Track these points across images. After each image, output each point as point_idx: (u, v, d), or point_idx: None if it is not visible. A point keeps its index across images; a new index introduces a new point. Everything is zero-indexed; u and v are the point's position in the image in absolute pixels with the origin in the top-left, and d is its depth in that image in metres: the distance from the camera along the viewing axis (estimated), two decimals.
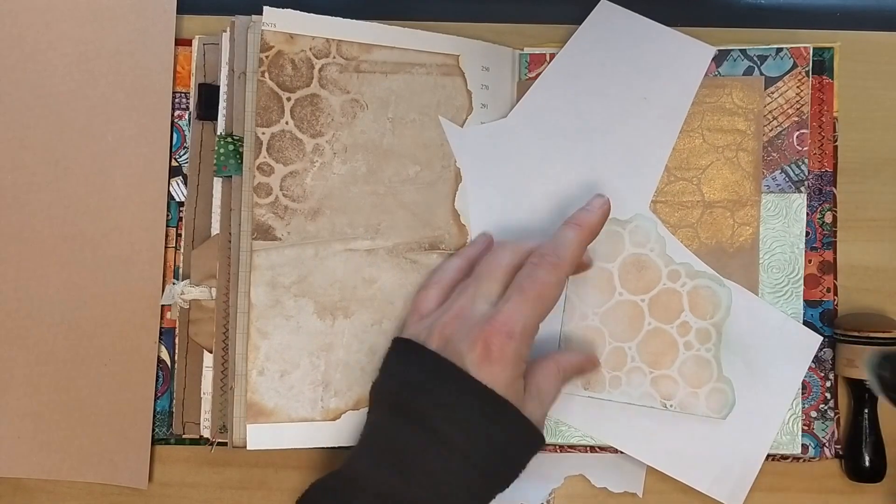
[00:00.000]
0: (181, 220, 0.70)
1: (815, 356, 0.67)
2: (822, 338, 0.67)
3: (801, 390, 0.67)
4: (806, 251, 0.68)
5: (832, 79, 0.69)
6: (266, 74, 0.66)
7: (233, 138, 0.67)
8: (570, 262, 0.62)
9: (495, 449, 0.58)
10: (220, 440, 0.67)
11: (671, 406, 0.66)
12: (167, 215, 0.70)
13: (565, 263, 0.61)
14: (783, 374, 0.67)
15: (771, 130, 0.69)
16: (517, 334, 0.58)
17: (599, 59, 0.70)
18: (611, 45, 0.70)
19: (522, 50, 0.72)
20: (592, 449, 0.69)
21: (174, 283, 0.69)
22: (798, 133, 0.69)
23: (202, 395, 0.68)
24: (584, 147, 0.69)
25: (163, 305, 0.70)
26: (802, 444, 0.67)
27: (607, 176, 0.69)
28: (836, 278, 0.69)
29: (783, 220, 0.68)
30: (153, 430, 0.70)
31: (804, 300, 0.68)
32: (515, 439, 0.59)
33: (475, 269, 0.64)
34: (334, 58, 0.67)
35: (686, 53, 0.69)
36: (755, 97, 0.69)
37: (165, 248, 0.70)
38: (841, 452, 0.69)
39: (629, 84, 0.70)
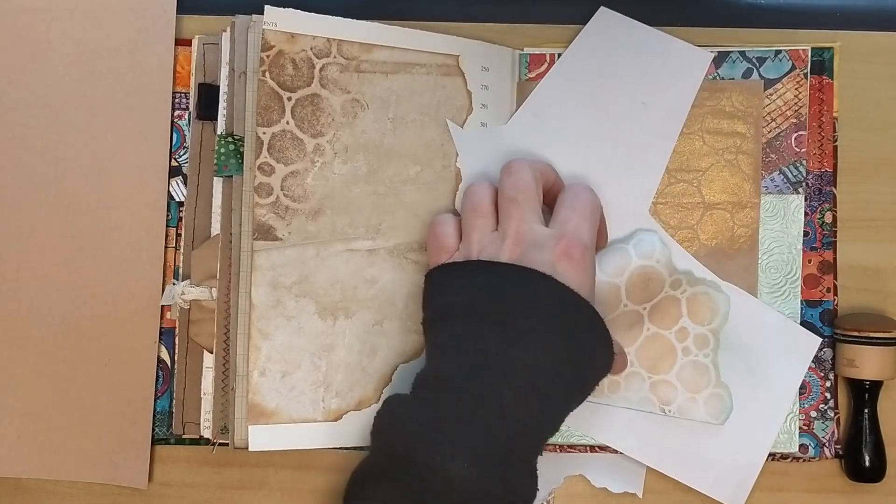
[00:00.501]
0: (181, 220, 0.70)
1: (815, 356, 0.67)
2: (820, 339, 0.67)
3: (799, 390, 0.67)
4: (806, 251, 0.68)
5: (832, 79, 0.69)
6: (267, 74, 0.66)
7: (233, 138, 0.67)
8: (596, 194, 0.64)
9: (582, 352, 0.58)
10: (221, 441, 0.67)
11: (670, 412, 0.66)
12: (167, 215, 0.70)
13: (595, 193, 0.64)
14: (783, 376, 0.67)
15: (769, 132, 0.69)
16: (589, 247, 0.60)
17: (598, 66, 0.70)
18: (609, 51, 0.70)
19: (522, 50, 0.72)
20: (592, 449, 0.69)
21: (174, 284, 0.69)
22: (796, 134, 0.69)
23: (202, 396, 0.68)
24: (584, 152, 0.69)
25: (163, 305, 0.70)
26: (802, 444, 0.67)
27: (607, 180, 0.69)
28: (835, 278, 0.69)
29: (781, 221, 0.68)
30: (153, 430, 0.70)
31: (804, 300, 0.68)
32: (598, 346, 0.59)
33: (503, 192, 0.62)
34: (335, 57, 0.67)
35: (684, 59, 0.70)
36: (755, 100, 0.69)
37: (165, 248, 0.70)
38: (841, 452, 0.69)
39: (628, 90, 0.70)
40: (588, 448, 0.69)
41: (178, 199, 0.71)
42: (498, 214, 0.62)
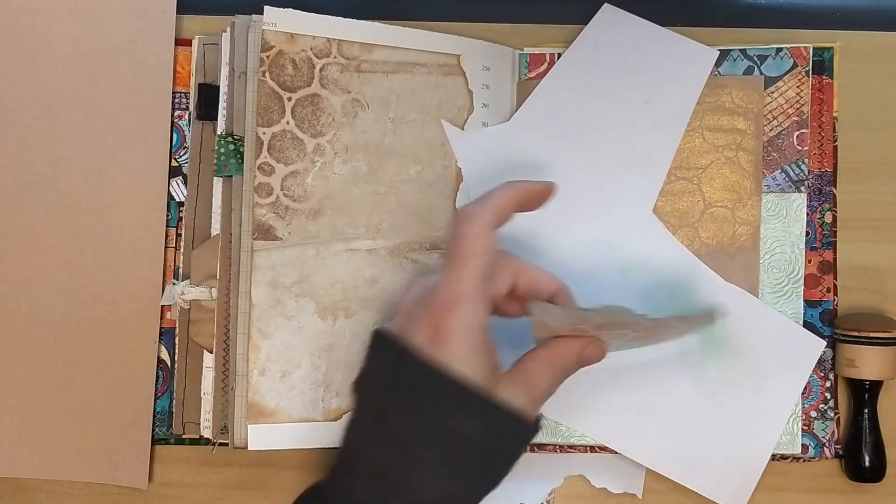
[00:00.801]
0: (181, 220, 0.70)
1: None
2: (824, 341, 0.67)
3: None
4: (806, 251, 0.68)
5: (832, 79, 0.69)
6: (267, 74, 0.66)
7: (233, 138, 0.67)
8: (490, 210, 0.55)
9: (467, 439, 0.52)
10: (221, 441, 0.67)
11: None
12: (167, 215, 0.70)
13: (485, 210, 0.55)
14: (786, 378, 0.67)
15: (771, 130, 0.69)
16: (458, 303, 0.53)
17: (602, 63, 0.70)
18: (613, 48, 0.70)
19: (522, 50, 0.72)
20: (592, 449, 0.68)
21: (174, 284, 0.69)
22: (798, 133, 0.69)
23: (202, 396, 0.68)
24: (587, 150, 0.69)
25: (163, 305, 0.70)
26: (802, 444, 0.67)
27: (610, 179, 0.69)
28: (836, 278, 0.69)
29: (783, 220, 0.68)
30: (153, 430, 0.70)
31: (804, 300, 0.68)
32: (489, 427, 0.53)
33: None
34: (335, 57, 0.67)
35: (689, 57, 0.70)
36: (755, 96, 0.69)
37: (165, 248, 0.70)
38: (841, 452, 0.69)
39: (632, 87, 0.70)
40: (588, 448, 0.68)
41: (178, 199, 0.71)
42: None
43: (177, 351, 0.69)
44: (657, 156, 0.69)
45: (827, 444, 0.68)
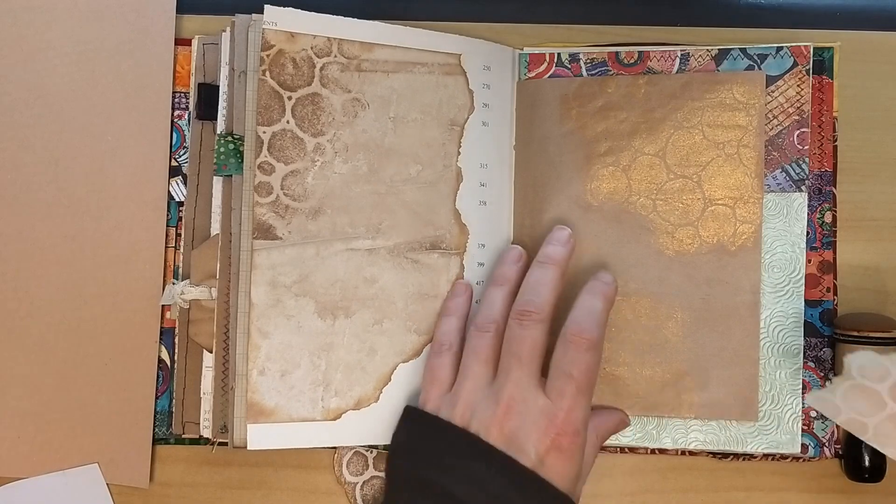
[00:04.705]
0: (181, 220, 0.70)
1: (815, 356, 0.68)
2: None
3: (801, 389, 0.67)
4: (806, 251, 0.68)
5: (832, 79, 0.69)
6: (267, 73, 0.66)
7: (233, 137, 0.67)
8: (600, 335, 0.60)
9: None
10: (220, 440, 0.67)
11: None
12: (167, 215, 0.70)
13: (597, 338, 0.60)
14: None
15: (771, 129, 0.69)
16: (582, 429, 0.59)
17: None
18: None
19: (522, 50, 0.72)
20: None
21: (174, 283, 0.69)
22: (798, 132, 0.69)
23: (202, 395, 0.68)
24: None
25: (163, 305, 0.70)
26: (802, 444, 0.67)
27: None
28: (835, 278, 0.69)
29: (784, 220, 0.68)
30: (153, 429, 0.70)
31: (804, 300, 0.68)
32: None
33: (508, 344, 0.61)
34: (335, 57, 0.67)
35: None
36: (756, 92, 0.68)
37: (165, 247, 0.70)
38: (841, 452, 0.69)
39: None
40: None
41: (178, 199, 0.71)
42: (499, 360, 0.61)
43: (176, 351, 0.69)
44: None
45: (827, 444, 0.68)
